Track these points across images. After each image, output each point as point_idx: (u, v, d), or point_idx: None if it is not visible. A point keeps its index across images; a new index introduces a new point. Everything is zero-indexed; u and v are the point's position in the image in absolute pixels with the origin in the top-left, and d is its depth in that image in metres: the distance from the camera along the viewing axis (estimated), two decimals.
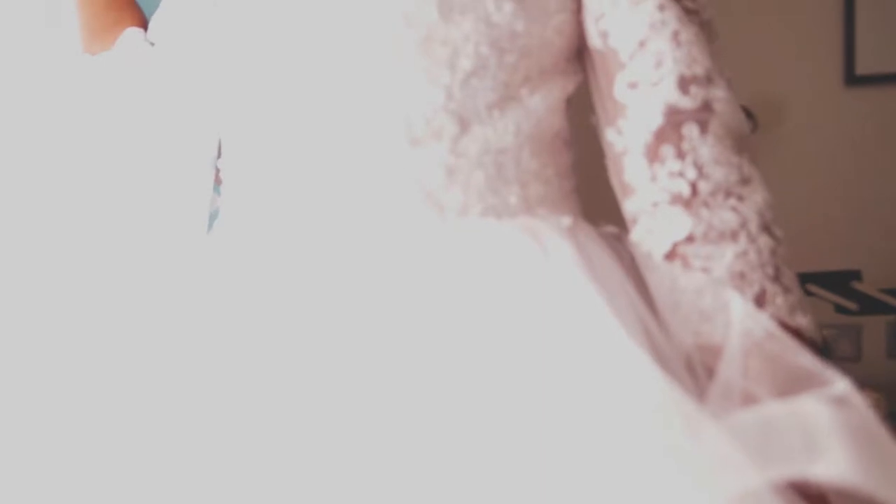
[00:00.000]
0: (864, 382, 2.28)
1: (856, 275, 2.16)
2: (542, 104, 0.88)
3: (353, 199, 0.86)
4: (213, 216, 1.23)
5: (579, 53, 0.92)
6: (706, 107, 0.84)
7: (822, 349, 2.32)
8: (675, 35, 0.84)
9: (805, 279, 2.20)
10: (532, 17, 0.86)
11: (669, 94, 0.84)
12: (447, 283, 0.81)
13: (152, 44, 1.14)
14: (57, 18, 1.22)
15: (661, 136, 0.84)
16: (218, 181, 1.18)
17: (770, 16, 2.53)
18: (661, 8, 0.85)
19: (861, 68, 2.51)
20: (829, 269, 2.34)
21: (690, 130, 0.83)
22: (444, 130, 0.85)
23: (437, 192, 0.85)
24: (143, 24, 1.18)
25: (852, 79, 2.51)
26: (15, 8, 1.23)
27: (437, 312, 0.80)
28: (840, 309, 2.13)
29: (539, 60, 0.88)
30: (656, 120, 0.84)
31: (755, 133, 2.48)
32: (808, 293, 2.15)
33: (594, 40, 0.88)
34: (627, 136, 0.86)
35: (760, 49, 2.53)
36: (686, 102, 0.84)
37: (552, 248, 0.82)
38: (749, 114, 2.45)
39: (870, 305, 2.08)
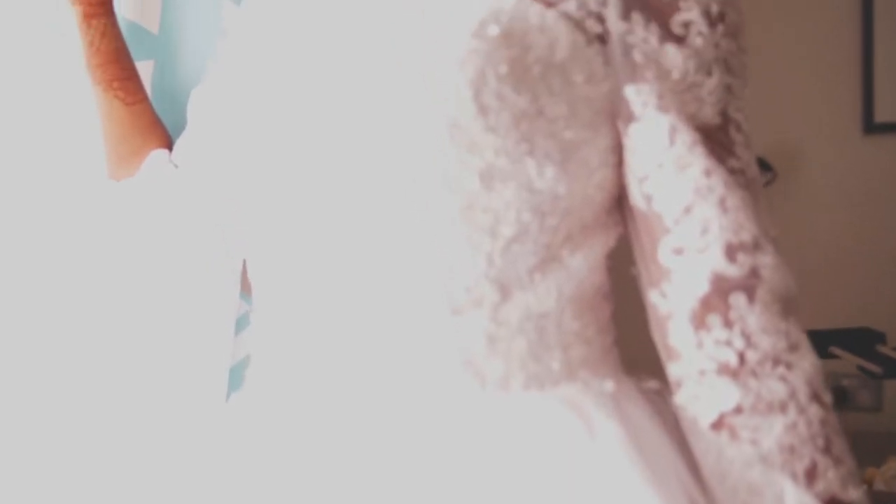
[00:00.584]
0: (884, 433, 2.26)
1: (880, 337, 2.14)
2: (584, 264, 0.86)
3: (389, 367, 0.84)
4: (240, 322, 1.21)
5: (619, 203, 0.90)
6: (754, 274, 0.82)
7: (843, 399, 2.30)
8: (722, 201, 0.82)
9: (827, 339, 2.18)
10: (574, 177, 0.84)
11: (716, 262, 0.82)
12: (487, 467, 0.79)
13: (177, 165, 1.12)
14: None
15: (707, 304, 0.82)
16: (245, 288, 1.16)
17: (788, 62, 2.50)
18: (707, 174, 0.83)
19: (880, 116, 2.49)
20: (850, 326, 2.32)
21: (738, 300, 0.82)
22: (484, 298, 0.83)
23: (477, 361, 0.83)
24: (168, 144, 1.16)
25: (871, 126, 2.49)
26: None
27: (474, 497, 0.78)
28: (864, 370, 2.11)
29: (581, 218, 0.87)
30: (702, 287, 0.82)
31: (773, 183, 2.46)
32: (831, 356, 2.13)
33: (637, 201, 0.86)
34: (672, 300, 0.84)
35: (778, 96, 2.50)
36: (733, 271, 0.82)
37: (598, 426, 0.81)
38: (766, 165, 2.44)
39: (894, 368, 2.06)
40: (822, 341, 2.18)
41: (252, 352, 1.00)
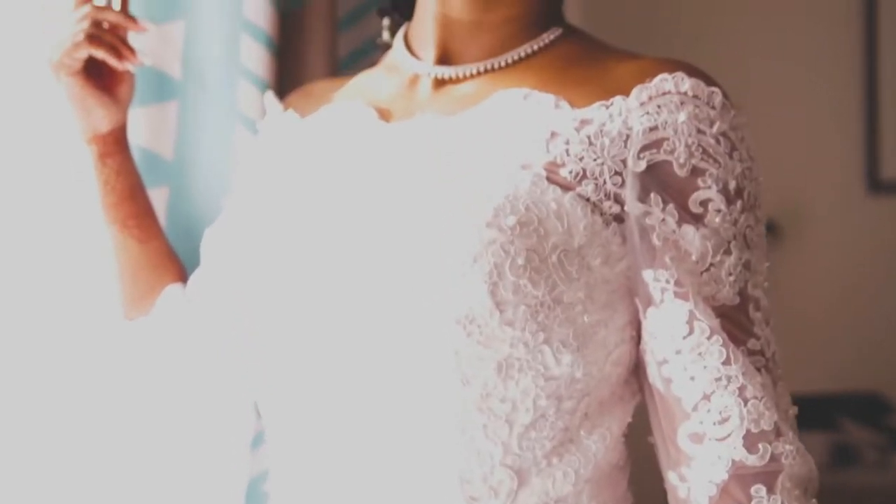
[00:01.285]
0: (890, 489, 2.25)
1: (887, 406, 2.15)
2: (601, 444, 0.87)
3: None
4: (255, 440, 1.22)
5: (636, 371, 0.91)
6: (774, 461, 0.83)
7: (851, 456, 2.30)
8: (742, 391, 0.83)
9: (833, 406, 2.19)
10: (591, 360, 0.85)
11: (736, 451, 0.82)
12: None
13: (191, 300, 1.12)
14: None
15: (727, 493, 0.83)
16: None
17: (792, 120, 2.51)
18: (726, 362, 0.83)
19: (885, 174, 2.50)
20: (856, 387, 2.33)
21: (758, 490, 0.82)
22: (501, 486, 0.84)
23: None
24: (183, 276, 1.16)
25: (875, 185, 2.50)
26: None
27: None
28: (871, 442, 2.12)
29: (598, 395, 0.87)
30: (721, 476, 0.83)
31: (777, 242, 2.47)
32: (838, 428, 2.14)
33: (656, 382, 0.86)
34: (692, 485, 0.85)
35: (782, 154, 2.51)
36: (753, 460, 0.82)
37: None
38: (769, 225, 2.44)
39: None
40: (828, 409, 2.18)
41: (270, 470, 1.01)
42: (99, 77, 1.10)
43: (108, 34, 1.07)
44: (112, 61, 1.06)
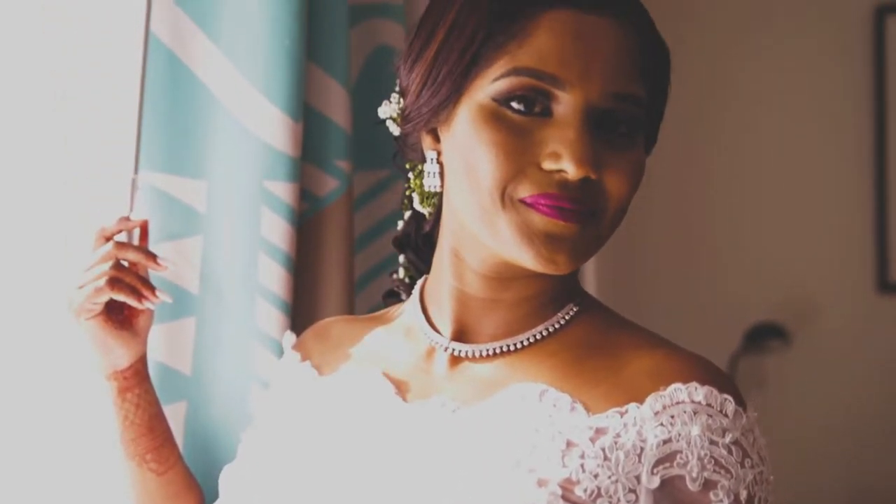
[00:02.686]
0: None
1: None
2: None
3: None
4: None
5: None
6: None
7: None
8: None
9: None
10: None
11: None
12: None
13: None
14: None
15: None
16: None
17: (801, 221, 2.51)
18: None
19: (895, 274, 2.50)
20: (872, 487, 2.34)
21: None
22: None
23: None
24: (201, 500, 1.18)
25: (885, 285, 2.50)
26: None
27: None
28: None
29: None
30: None
31: (787, 347, 2.48)
32: None
33: None
34: None
35: (792, 255, 2.52)
36: None
37: None
38: (779, 331, 2.44)
39: None
40: None
41: None
42: (118, 312, 1.11)
43: (129, 275, 1.08)
44: (133, 303, 1.08)
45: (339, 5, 1.30)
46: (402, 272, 1.12)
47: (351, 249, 1.30)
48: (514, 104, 0.87)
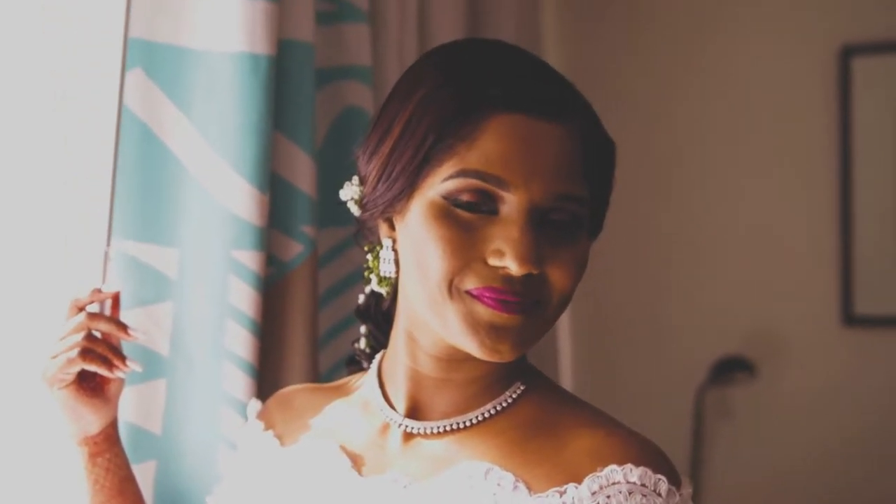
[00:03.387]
0: None
1: None
2: None
3: None
4: None
5: None
6: None
7: None
8: None
9: None
10: None
11: None
12: None
13: None
14: None
15: None
16: None
17: (767, 256, 2.57)
18: None
19: (859, 308, 2.55)
20: None
21: None
22: None
23: None
24: None
25: (850, 319, 2.55)
26: None
27: None
28: None
29: None
30: None
31: (753, 380, 2.53)
32: None
33: None
34: None
35: (758, 289, 2.57)
36: None
37: None
38: (745, 364, 2.50)
39: None
40: None
41: None
42: (90, 380, 1.15)
43: (100, 345, 1.13)
44: (104, 372, 1.12)
45: (305, 71, 1.35)
46: (363, 342, 1.17)
47: (315, 311, 1.35)
48: (463, 202, 0.92)
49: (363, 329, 1.17)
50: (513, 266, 0.90)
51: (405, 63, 1.67)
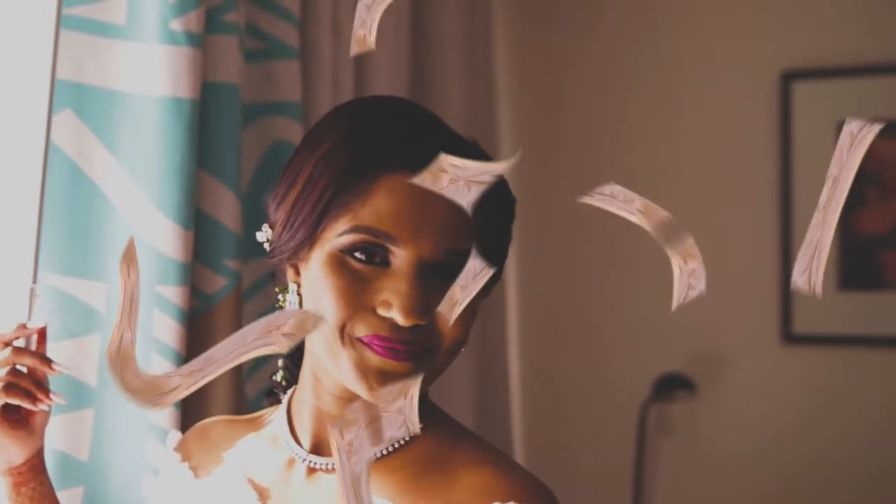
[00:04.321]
0: None
1: None
2: None
3: None
4: None
5: None
6: None
7: None
8: None
9: None
10: None
11: None
12: None
13: None
14: None
15: None
16: None
17: (708, 275, 2.63)
18: None
19: (798, 327, 2.62)
20: None
21: None
22: None
23: None
24: None
25: (789, 337, 2.62)
26: None
27: None
28: None
29: None
30: None
31: (693, 397, 2.60)
32: None
33: None
34: None
35: (698, 307, 2.62)
36: None
37: None
38: (686, 381, 2.56)
39: None
40: None
41: None
42: (15, 412, 1.19)
43: (24, 380, 1.17)
44: (28, 405, 1.17)
45: (230, 111, 1.40)
46: (279, 375, 1.22)
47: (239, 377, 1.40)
48: (357, 255, 0.98)
49: (280, 362, 1.22)
50: (399, 318, 0.96)
51: (340, 97, 1.72)
